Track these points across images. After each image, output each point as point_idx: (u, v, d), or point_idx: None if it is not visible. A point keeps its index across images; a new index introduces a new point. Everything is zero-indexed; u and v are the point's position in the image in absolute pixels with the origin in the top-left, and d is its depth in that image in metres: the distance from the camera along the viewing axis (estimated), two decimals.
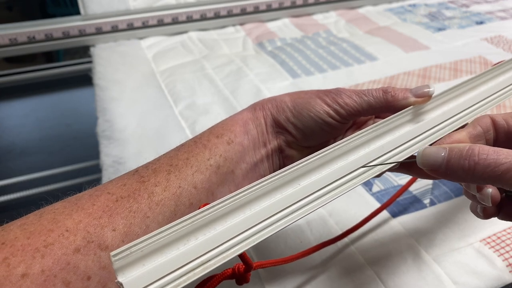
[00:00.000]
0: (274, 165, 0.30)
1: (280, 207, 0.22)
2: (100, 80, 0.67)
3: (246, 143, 0.28)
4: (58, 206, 0.23)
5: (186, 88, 0.63)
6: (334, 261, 0.36)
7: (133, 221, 0.23)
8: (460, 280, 0.33)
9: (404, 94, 0.27)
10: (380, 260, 0.35)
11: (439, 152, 0.22)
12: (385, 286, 0.33)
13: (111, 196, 0.23)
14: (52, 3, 1.62)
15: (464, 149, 0.21)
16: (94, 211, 0.22)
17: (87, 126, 0.72)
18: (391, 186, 0.43)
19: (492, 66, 0.30)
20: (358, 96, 0.28)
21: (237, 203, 0.21)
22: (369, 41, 0.76)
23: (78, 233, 0.21)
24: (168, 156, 0.27)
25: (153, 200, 0.24)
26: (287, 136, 0.29)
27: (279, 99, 0.30)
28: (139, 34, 0.81)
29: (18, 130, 1.37)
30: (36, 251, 0.20)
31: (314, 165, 0.23)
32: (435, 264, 0.34)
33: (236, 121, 0.29)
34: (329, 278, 0.34)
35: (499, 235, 0.36)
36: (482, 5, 0.91)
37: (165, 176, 0.25)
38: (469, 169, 0.21)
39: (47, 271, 0.19)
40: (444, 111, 0.28)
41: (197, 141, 0.28)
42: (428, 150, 0.23)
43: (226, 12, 0.86)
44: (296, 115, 0.29)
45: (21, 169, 1.18)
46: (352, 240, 0.37)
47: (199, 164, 0.26)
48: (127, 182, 0.24)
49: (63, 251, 0.20)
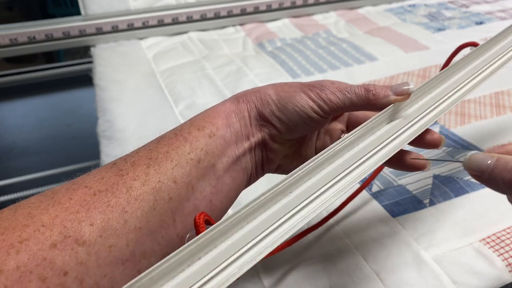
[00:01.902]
0: (256, 158, 0.30)
1: (283, 213, 0.22)
2: (100, 80, 0.67)
3: (228, 136, 0.28)
4: (33, 200, 0.22)
5: (186, 88, 0.64)
6: (334, 261, 0.36)
7: (111, 215, 0.22)
8: (459, 280, 0.33)
9: (385, 93, 0.28)
10: (379, 260, 0.35)
11: (486, 159, 0.23)
12: (385, 285, 0.33)
13: (88, 190, 0.23)
14: (53, 4, 1.62)
15: (510, 162, 0.22)
16: (71, 205, 0.22)
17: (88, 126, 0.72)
18: (391, 186, 0.43)
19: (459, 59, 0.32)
20: (341, 93, 0.28)
21: (237, 219, 0.21)
22: (369, 42, 0.77)
23: (54, 228, 0.21)
24: (148, 149, 0.26)
25: (132, 195, 0.23)
26: (271, 129, 0.29)
27: (263, 92, 0.29)
28: (139, 34, 0.81)
29: (18, 130, 1.37)
30: (11, 247, 0.19)
31: (306, 171, 0.24)
32: (434, 263, 0.34)
33: (219, 113, 0.28)
34: (329, 278, 0.34)
35: (498, 235, 0.37)
36: (481, 5, 0.92)
37: (144, 170, 0.24)
38: (509, 182, 0.22)
39: (22, 267, 0.19)
40: (420, 105, 0.29)
41: (178, 134, 0.27)
42: (476, 156, 0.24)
43: (226, 12, 0.86)
44: (281, 108, 0.28)
45: (21, 169, 1.18)
46: (352, 240, 0.37)
47: (180, 158, 0.25)
48: (105, 176, 0.24)
49: (38, 247, 0.20)
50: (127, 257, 0.22)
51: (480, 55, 0.33)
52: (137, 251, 0.22)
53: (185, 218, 0.25)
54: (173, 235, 0.24)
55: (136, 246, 0.22)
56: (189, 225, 0.25)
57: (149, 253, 0.23)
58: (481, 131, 0.50)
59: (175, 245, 0.24)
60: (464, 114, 0.54)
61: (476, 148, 0.47)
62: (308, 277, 0.34)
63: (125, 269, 0.22)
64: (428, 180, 0.43)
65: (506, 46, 0.34)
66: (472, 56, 0.32)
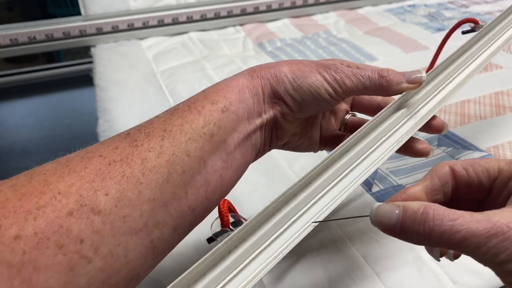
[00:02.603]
0: (265, 134, 0.30)
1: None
2: (100, 80, 0.67)
3: (241, 112, 0.28)
4: (48, 167, 0.22)
5: (187, 88, 0.64)
6: (334, 261, 0.36)
7: (126, 186, 0.22)
8: (459, 279, 0.33)
9: (398, 80, 0.28)
10: (380, 260, 0.35)
11: (393, 211, 0.21)
12: (385, 285, 0.33)
13: (103, 159, 0.23)
14: (53, 4, 1.62)
15: (418, 211, 0.20)
16: (87, 174, 0.22)
17: (88, 126, 0.72)
18: (390, 186, 0.43)
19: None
20: (355, 77, 0.28)
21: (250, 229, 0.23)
22: (368, 42, 0.77)
23: (70, 196, 0.21)
24: (162, 120, 0.26)
25: (146, 166, 0.23)
26: (283, 108, 0.29)
27: (278, 69, 0.29)
28: (140, 34, 0.82)
29: (18, 130, 1.37)
30: (29, 213, 0.20)
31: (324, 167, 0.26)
32: (434, 264, 0.34)
33: (232, 88, 0.28)
34: (329, 277, 0.34)
35: None
36: (481, 5, 0.92)
37: (159, 142, 0.24)
38: (425, 235, 0.20)
39: (40, 234, 0.19)
40: (425, 92, 0.31)
41: (191, 106, 0.27)
42: (382, 209, 0.22)
43: (226, 12, 0.86)
44: (295, 87, 0.28)
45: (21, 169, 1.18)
46: (352, 239, 0.37)
47: (193, 131, 0.25)
48: (119, 145, 0.24)
49: (56, 214, 0.20)
50: (141, 227, 0.22)
51: (478, 40, 0.34)
52: (150, 221, 0.23)
53: (197, 191, 0.25)
54: (185, 207, 0.25)
55: (150, 217, 0.23)
56: (200, 198, 0.25)
57: (161, 224, 0.23)
58: (481, 131, 0.51)
59: (186, 217, 0.25)
60: (464, 114, 0.54)
61: (475, 148, 0.47)
62: (307, 275, 0.35)
63: (138, 239, 0.22)
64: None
65: (502, 29, 0.36)
66: (471, 41, 0.34)
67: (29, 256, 0.19)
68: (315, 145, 0.34)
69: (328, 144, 0.35)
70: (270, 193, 0.44)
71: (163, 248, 0.24)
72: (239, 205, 0.42)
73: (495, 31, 0.35)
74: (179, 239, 0.25)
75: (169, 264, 0.34)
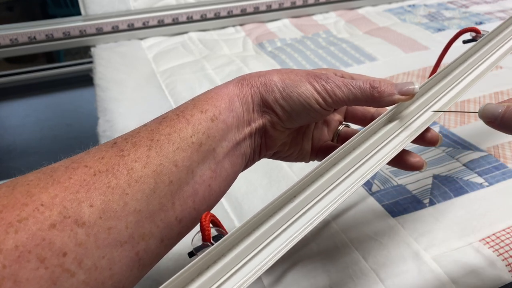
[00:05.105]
0: (255, 143, 0.30)
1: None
2: (100, 80, 0.67)
3: (231, 121, 0.27)
4: (32, 178, 0.22)
5: (187, 88, 0.64)
6: (333, 261, 0.36)
7: (111, 197, 0.22)
8: (459, 280, 0.33)
9: (390, 91, 0.28)
10: (379, 260, 0.35)
11: (497, 108, 0.25)
12: (385, 285, 0.33)
13: (88, 170, 0.22)
14: (53, 4, 1.62)
15: None
16: (71, 185, 0.21)
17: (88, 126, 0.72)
18: (390, 186, 0.43)
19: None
20: (346, 87, 0.28)
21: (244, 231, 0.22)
22: (368, 42, 0.77)
23: (54, 208, 0.20)
24: (150, 129, 0.26)
25: (133, 177, 0.23)
26: (273, 117, 0.29)
27: (268, 77, 0.29)
28: (140, 34, 0.82)
29: (18, 130, 1.37)
30: (10, 225, 0.19)
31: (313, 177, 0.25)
32: (434, 263, 0.35)
33: (222, 96, 0.28)
34: (329, 277, 0.34)
35: (498, 235, 0.37)
36: (481, 5, 0.92)
37: (146, 152, 0.24)
38: None
39: (21, 247, 0.19)
40: (418, 104, 0.30)
41: (180, 115, 0.27)
42: (489, 105, 0.26)
43: (226, 12, 0.86)
44: (285, 97, 0.28)
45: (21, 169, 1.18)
46: (352, 239, 0.37)
47: (181, 141, 0.25)
48: (105, 155, 0.23)
49: (38, 226, 0.20)
50: (126, 239, 0.22)
51: (477, 51, 0.34)
52: (135, 233, 0.22)
53: (184, 201, 0.25)
54: (171, 218, 0.24)
55: (135, 228, 0.22)
56: (188, 209, 0.25)
57: (148, 235, 0.23)
58: (481, 131, 0.51)
59: (173, 228, 0.24)
60: (464, 114, 0.54)
61: (476, 148, 0.47)
62: (307, 276, 0.35)
63: (123, 251, 0.22)
64: (428, 180, 0.43)
65: (501, 40, 0.35)
66: (469, 52, 0.33)
67: (10, 270, 0.18)
68: (306, 155, 0.34)
69: (320, 154, 0.34)
70: (270, 193, 0.44)
71: (149, 260, 0.24)
72: (239, 205, 0.42)
73: (494, 42, 0.34)
74: (165, 251, 0.25)
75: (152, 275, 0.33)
